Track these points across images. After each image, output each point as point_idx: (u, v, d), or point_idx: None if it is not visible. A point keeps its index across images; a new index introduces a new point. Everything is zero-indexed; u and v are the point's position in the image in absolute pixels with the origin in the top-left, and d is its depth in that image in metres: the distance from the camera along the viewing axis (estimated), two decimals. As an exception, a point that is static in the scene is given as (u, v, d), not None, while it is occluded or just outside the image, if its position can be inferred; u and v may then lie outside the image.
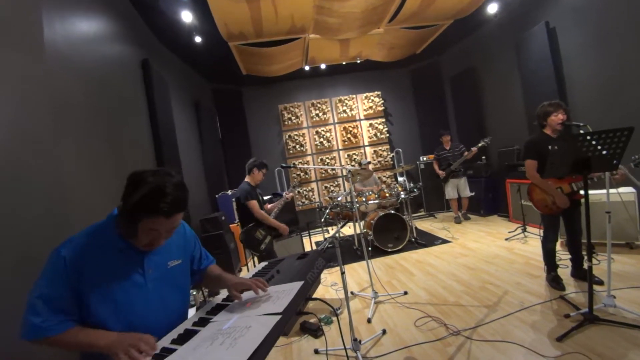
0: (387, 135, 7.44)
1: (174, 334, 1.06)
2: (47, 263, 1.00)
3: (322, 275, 3.92)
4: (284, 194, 3.37)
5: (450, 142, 5.79)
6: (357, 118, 7.36)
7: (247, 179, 3.28)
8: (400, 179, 6.64)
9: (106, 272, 1.04)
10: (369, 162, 5.62)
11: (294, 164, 6.80)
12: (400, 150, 7.22)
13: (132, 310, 1.06)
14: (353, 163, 7.12)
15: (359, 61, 6.31)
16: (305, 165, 5.91)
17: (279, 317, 1.00)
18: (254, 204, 3.13)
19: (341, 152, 7.33)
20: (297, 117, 7.15)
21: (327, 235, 5.19)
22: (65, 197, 1.93)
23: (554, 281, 2.79)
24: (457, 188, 5.70)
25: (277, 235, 3.36)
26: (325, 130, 7.23)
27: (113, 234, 1.07)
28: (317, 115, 7.21)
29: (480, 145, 5.24)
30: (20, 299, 1.45)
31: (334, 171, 7.25)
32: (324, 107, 7.24)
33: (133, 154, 3.12)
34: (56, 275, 0.98)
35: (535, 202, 2.81)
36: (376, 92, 7.37)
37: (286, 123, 7.13)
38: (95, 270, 1.02)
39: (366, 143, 7.41)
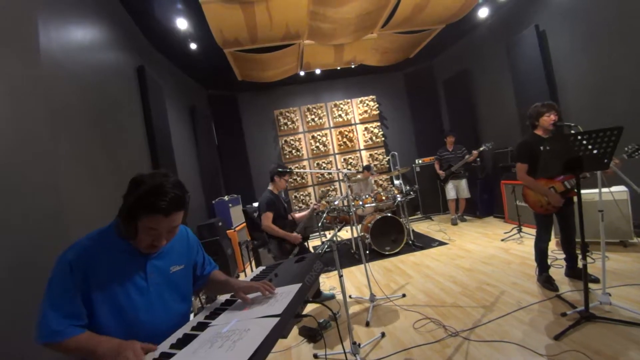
0: (383, 138, 7.49)
1: (172, 338, 1.06)
2: (55, 268, 1.01)
3: (321, 280, 3.92)
4: (311, 205, 3.37)
5: (454, 144, 5.84)
6: (353, 122, 7.41)
7: (270, 186, 3.21)
8: (396, 182, 6.67)
9: (109, 275, 1.05)
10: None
11: (290, 168, 6.80)
12: (395, 153, 7.26)
13: (134, 314, 1.07)
14: (357, 167, 7.13)
15: (353, 66, 6.36)
16: (302, 170, 5.92)
17: (277, 319, 1.01)
18: (267, 216, 3.06)
19: (337, 156, 7.36)
20: (292, 122, 7.17)
21: (324, 239, 5.17)
22: (61, 203, 1.92)
23: (547, 282, 2.80)
24: (457, 189, 5.74)
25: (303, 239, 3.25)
26: (321, 134, 7.26)
27: (115, 236, 1.10)
28: (312, 120, 7.24)
29: (481, 149, 5.30)
30: (17, 302, 1.46)
31: (330, 175, 7.27)
32: (319, 111, 7.27)
33: (129, 160, 3.12)
34: (63, 280, 1.00)
35: (531, 203, 2.83)
36: (371, 96, 7.42)
37: (282, 128, 7.15)
38: (99, 272, 1.04)
39: (362, 147, 7.45)
